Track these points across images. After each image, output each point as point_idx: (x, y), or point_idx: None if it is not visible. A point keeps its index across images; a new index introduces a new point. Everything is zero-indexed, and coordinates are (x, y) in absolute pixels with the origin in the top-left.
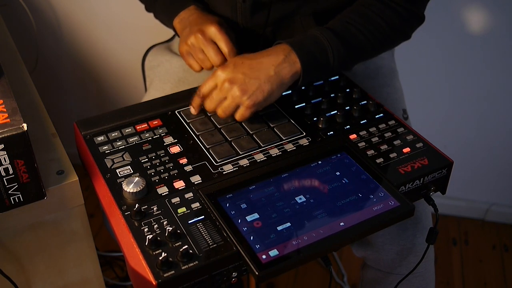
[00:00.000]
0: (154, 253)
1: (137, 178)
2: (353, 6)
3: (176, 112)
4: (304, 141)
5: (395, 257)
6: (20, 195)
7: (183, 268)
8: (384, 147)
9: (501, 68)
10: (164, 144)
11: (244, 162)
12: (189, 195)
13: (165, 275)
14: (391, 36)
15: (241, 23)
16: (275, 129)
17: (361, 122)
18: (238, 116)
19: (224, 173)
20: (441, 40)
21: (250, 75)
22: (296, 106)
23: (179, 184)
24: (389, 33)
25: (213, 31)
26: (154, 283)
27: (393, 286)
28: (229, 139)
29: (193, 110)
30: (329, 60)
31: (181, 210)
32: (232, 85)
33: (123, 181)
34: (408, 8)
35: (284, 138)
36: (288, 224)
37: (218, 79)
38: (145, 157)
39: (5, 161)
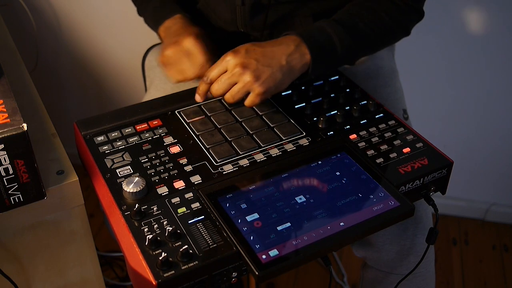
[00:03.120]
0: (154, 253)
1: (137, 178)
2: (355, 0)
3: (176, 112)
4: (304, 141)
5: (395, 257)
6: (20, 195)
7: (183, 268)
8: (384, 147)
9: (501, 68)
10: (164, 144)
11: (244, 162)
12: (189, 195)
13: (165, 275)
14: (393, 29)
15: (241, 25)
16: (275, 129)
17: (361, 122)
18: (248, 102)
19: (224, 173)
20: (441, 40)
21: (263, 62)
22: (296, 106)
23: (179, 184)
24: (392, 26)
25: (189, 42)
26: (154, 283)
27: (393, 286)
28: (229, 139)
29: (198, 98)
30: (337, 51)
31: (181, 210)
32: (245, 70)
33: (123, 181)
34: (408, 3)
35: (284, 138)
36: (288, 224)
37: (229, 64)
38: (145, 157)
39: (5, 161)
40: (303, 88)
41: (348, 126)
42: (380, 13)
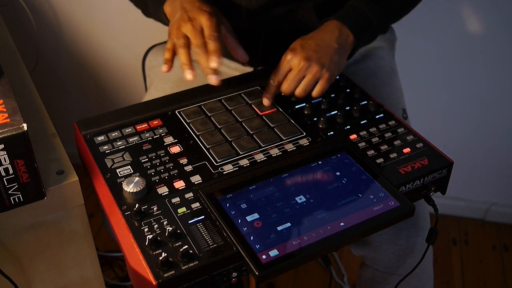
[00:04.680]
0: (154, 253)
1: (137, 178)
2: None
3: (176, 112)
4: (304, 141)
5: (393, 257)
6: (20, 195)
7: (183, 268)
8: (384, 147)
9: (501, 68)
10: (164, 144)
11: (244, 162)
12: (189, 195)
13: (165, 275)
14: None
15: (245, 20)
16: (275, 129)
17: (361, 122)
18: (318, 89)
19: (224, 173)
20: (441, 40)
21: (320, 51)
22: (296, 106)
23: (179, 184)
24: None
25: (203, 21)
26: (154, 283)
27: (391, 286)
28: (229, 139)
29: (267, 102)
30: (373, 25)
31: (181, 210)
32: (310, 62)
33: (123, 181)
34: None
35: (284, 138)
36: (288, 224)
37: (293, 62)
38: (145, 157)
39: (5, 161)
40: None
41: (348, 126)
42: None
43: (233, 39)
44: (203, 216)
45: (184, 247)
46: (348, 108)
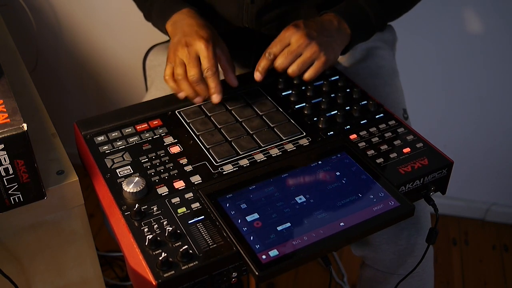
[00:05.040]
0: (154, 253)
1: (137, 178)
2: None
3: (176, 112)
4: (304, 141)
5: (393, 257)
6: (20, 195)
7: (183, 268)
8: (384, 147)
9: (501, 68)
10: (164, 144)
11: (244, 162)
12: (189, 195)
13: (165, 275)
14: None
15: (247, 22)
16: (275, 129)
17: (361, 122)
18: (311, 71)
19: (224, 173)
20: (441, 40)
21: (322, 33)
22: (296, 106)
23: (179, 184)
24: None
25: (200, 47)
26: (154, 283)
27: (391, 286)
28: (229, 139)
29: (258, 76)
30: (371, 21)
31: (181, 210)
32: (310, 40)
33: (123, 181)
34: None
35: (284, 138)
36: (288, 224)
37: (294, 37)
38: (145, 157)
39: (5, 161)
40: (303, 88)
41: (348, 126)
42: None
43: (227, 61)
44: (203, 216)
45: (184, 247)
46: (348, 108)
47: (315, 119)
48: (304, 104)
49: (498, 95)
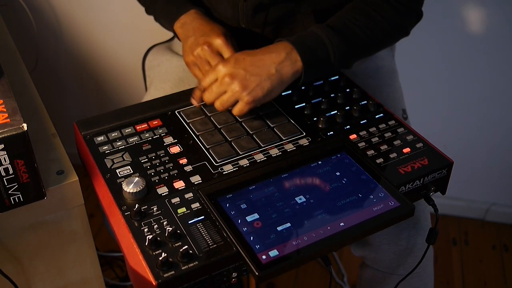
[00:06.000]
0: (154, 253)
1: (137, 178)
2: (352, 4)
3: (176, 112)
4: (304, 141)
5: (393, 257)
6: (20, 195)
7: (183, 268)
8: (384, 147)
9: (501, 68)
10: (164, 144)
11: (244, 162)
12: (189, 195)
13: (165, 275)
14: (391, 32)
15: (243, 22)
16: (275, 129)
17: (361, 122)
18: (236, 110)
19: (224, 173)
20: (441, 40)
21: (251, 71)
22: (296, 106)
23: (179, 184)
24: (389, 29)
25: (219, 43)
26: (154, 283)
27: (391, 287)
28: (229, 139)
29: (194, 102)
30: (330, 58)
31: (181, 210)
32: (233, 80)
33: (123, 181)
34: (406, 5)
35: (284, 138)
36: (288, 225)
37: (219, 73)
38: (145, 157)
39: (5, 161)
40: (303, 88)
41: (348, 126)
42: (376, 16)
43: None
44: (203, 216)
45: (184, 247)
46: (348, 108)
47: (315, 119)
48: (304, 104)
49: (498, 95)
